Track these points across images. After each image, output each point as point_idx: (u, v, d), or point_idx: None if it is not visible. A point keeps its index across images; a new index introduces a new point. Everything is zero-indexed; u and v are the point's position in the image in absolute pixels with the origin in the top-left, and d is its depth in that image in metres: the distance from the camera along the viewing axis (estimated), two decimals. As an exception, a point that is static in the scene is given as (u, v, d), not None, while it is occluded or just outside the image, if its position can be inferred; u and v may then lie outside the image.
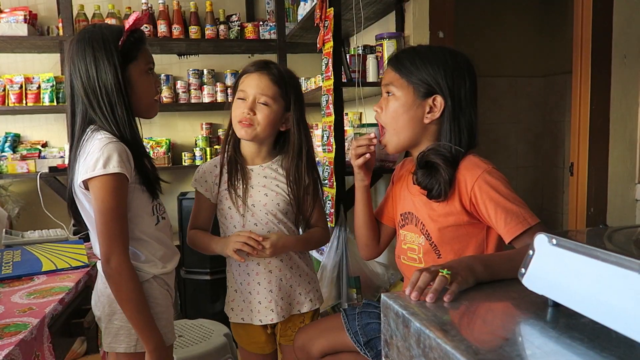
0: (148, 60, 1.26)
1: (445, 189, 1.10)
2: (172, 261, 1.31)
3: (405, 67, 1.16)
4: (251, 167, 1.48)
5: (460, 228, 1.13)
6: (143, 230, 1.23)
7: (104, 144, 1.13)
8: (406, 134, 1.17)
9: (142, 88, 1.24)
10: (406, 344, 0.74)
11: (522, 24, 3.45)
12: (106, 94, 1.17)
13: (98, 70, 1.16)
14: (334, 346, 1.39)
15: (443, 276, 0.81)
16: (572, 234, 0.71)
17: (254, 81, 1.40)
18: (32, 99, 2.84)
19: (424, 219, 1.18)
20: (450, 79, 1.13)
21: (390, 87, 1.18)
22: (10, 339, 0.97)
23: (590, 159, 2.18)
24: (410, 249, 1.23)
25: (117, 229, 1.14)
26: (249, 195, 1.46)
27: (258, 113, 1.39)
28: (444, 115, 1.14)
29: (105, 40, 1.17)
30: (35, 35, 2.81)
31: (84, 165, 1.13)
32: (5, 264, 1.50)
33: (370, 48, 2.28)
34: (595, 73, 2.15)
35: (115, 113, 1.18)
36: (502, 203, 1.04)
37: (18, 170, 2.79)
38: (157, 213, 1.28)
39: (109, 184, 1.12)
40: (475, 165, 1.11)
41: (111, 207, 1.13)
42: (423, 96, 1.14)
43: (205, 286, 2.73)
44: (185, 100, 3.10)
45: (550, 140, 3.51)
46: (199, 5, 3.08)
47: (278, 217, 1.46)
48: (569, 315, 0.69)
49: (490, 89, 3.44)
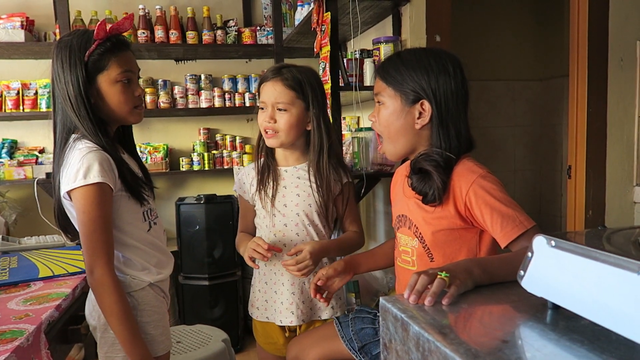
0: (122, 68, 1.20)
1: (439, 194, 1.10)
2: (167, 267, 1.30)
3: (391, 76, 1.17)
4: (285, 169, 1.52)
5: (453, 232, 1.13)
6: (136, 237, 1.23)
7: (83, 154, 1.13)
8: (401, 141, 1.18)
9: (113, 99, 1.20)
10: (405, 348, 0.73)
11: (518, 27, 3.47)
12: (76, 103, 1.16)
13: (66, 79, 1.16)
14: (329, 355, 1.38)
15: (441, 279, 0.81)
16: (570, 235, 0.71)
17: (270, 89, 1.44)
18: (29, 105, 2.83)
19: (417, 222, 1.18)
20: (434, 83, 1.13)
21: (379, 97, 1.19)
22: (6, 345, 0.97)
23: (588, 162, 2.19)
24: (404, 251, 1.23)
25: (100, 240, 1.12)
26: (282, 195, 1.49)
27: (278, 119, 1.43)
28: (432, 120, 1.14)
29: (72, 50, 1.16)
30: (32, 41, 2.81)
31: (66, 177, 1.13)
32: (1, 270, 1.49)
33: (368, 52, 2.29)
34: (592, 76, 2.16)
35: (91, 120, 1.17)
36: (498, 207, 1.04)
37: (15, 177, 2.78)
38: (149, 218, 1.27)
39: (90, 194, 1.11)
40: (470, 170, 1.11)
41: (93, 217, 1.11)
42: (411, 102, 1.15)
43: (204, 292, 2.72)
44: (183, 106, 3.10)
45: (548, 143, 3.52)
46: (196, 10, 3.09)
47: (310, 218, 1.48)
48: (568, 318, 0.69)
49: (487, 92, 3.45)
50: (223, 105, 3.14)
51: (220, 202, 2.74)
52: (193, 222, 2.72)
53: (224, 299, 2.76)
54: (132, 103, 1.23)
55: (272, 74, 1.45)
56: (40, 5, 2.99)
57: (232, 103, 3.17)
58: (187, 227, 2.73)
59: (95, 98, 1.19)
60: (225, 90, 3.18)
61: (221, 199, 2.76)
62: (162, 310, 1.27)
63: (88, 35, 1.18)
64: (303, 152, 1.52)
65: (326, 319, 1.51)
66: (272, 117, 1.43)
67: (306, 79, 1.45)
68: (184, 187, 3.29)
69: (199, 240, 2.71)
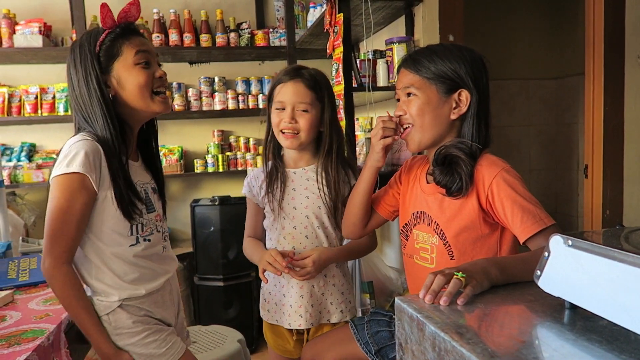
0: (137, 49, 1.15)
1: (466, 183, 1.08)
2: (151, 282, 1.20)
3: (424, 66, 1.13)
4: (293, 170, 1.51)
5: (475, 230, 1.11)
6: (114, 250, 1.14)
7: (73, 142, 1.08)
8: (432, 132, 1.14)
9: (133, 83, 1.15)
10: (421, 348, 0.73)
11: (532, 25, 3.43)
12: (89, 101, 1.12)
13: (78, 77, 1.13)
14: (346, 357, 1.37)
15: (458, 279, 0.81)
16: (588, 234, 0.71)
17: (290, 90, 1.42)
18: (47, 109, 2.88)
19: (437, 218, 1.16)
20: (472, 73, 1.12)
21: (410, 89, 1.14)
22: (28, 344, 0.99)
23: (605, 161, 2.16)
24: (422, 248, 1.21)
25: (61, 231, 1.06)
26: (291, 198, 1.48)
27: (299, 120, 1.42)
28: (469, 110, 1.12)
29: (82, 45, 1.14)
30: (49, 46, 2.86)
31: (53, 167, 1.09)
32: (22, 271, 1.52)
33: (380, 53, 2.28)
34: (608, 74, 2.13)
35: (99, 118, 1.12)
36: (519, 201, 1.03)
37: (34, 180, 2.83)
38: (138, 234, 1.17)
39: (66, 182, 1.06)
40: (493, 163, 1.10)
41: (61, 206, 1.06)
42: (447, 92, 1.12)
43: (219, 292, 2.74)
44: (197, 108, 3.12)
45: (564, 142, 3.48)
46: (210, 13, 3.11)
47: (320, 220, 1.48)
48: (586, 318, 0.69)
49: (502, 91, 3.42)
50: (237, 107, 3.17)
51: (234, 203, 2.76)
52: (208, 223, 2.74)
53: (239, 300, 2.78)
54: (154, 85, 1.18)
55: (290, 75, 1.44)
56: (57, 11, 3.04)
57: (246, 105, 3.19)
58: (201, 228, 2.76)
59: (115, 89, 1.15)
60: (239, 93, 3.21)
61: (235, 200, 2.78)
62: (143, 327, 1.17)
63: (97, 30, 1.16)
64: (313, 154, 1.52)
65: (335, 322, 1.50)
66: (292, 117, 1.42)
67: (322, 82, 1.46)
68: (199, 188, 3.31)
69: (214, 242, 2.73)
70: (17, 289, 1.39)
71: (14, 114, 2.87)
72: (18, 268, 1.55)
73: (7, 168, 2.79)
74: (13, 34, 2.79)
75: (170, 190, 3.25)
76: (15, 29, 2.81)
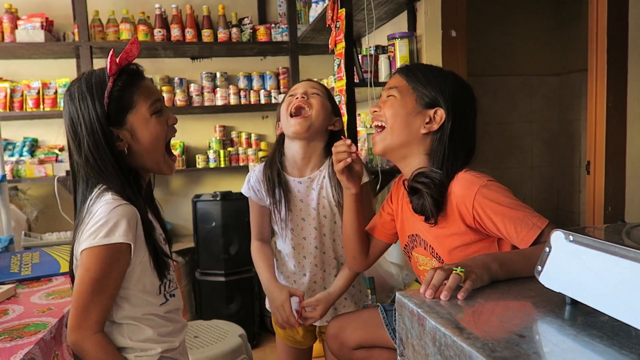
0: (151, 100, 1.06)
1: (432, 211, 1.10)
2: (179, 335, 1.16)
3: (415, 75, 1.18)
4: (299, 180, 1.48)
5: (470, 246, 1.11)
6: (144, 310, 1.07)
7: (111, 207, 0.98)
8: (400, 137, 1.16)
9: (150, 136, 1.06)
10: (421, 342, 0.74)
11: (535, 21, 3.42)
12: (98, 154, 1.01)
13: (84, 134, 1.01)
14: (371, 340, 1.37)
15: (457, 274, 0.81)
16: (589, 230, 0.70)
17: (302, 83, 1.48)
18: (49, 104, 2.89)
19: (431, 242, 1.17)
20: (455, 99, 1.14)
21: (392, 91, 1.18)
22: (30, 338, 0.99)
23: (607, 157, 2.15)
24: (425, 270, 1.22)
25: (94, 301, 0.97)
26: (299, 209, 1.48)
27: (312, 100, 1.43)
28: (442, 130, 1.14)
29: (84, 97, 1.02)
30: (51, 41, 2.86)
31: (87, 232, 0.98)
32: (24, 265, 1.53)
33: (382, 48, 2.28)
34: (611, 70, 2.12)
35: (113, 177, 1.02)
36: (508, 213, 1.02)
37: (36, 174, 2.83)
38: (165, 291, 1.10)
39: (104, 254, 0.96)
40: (470, 182, 1.08)
41: (96, 277, 0.96)
42: (424, 106, 1.15)
43: (220, 287, 2.74)
44: (199, 103, 3.12)
45: (566, 139, 3.47)
46: (212, 8, 3.11)
47: (328, 228, 1.48)
48: (587, 313, 0.69)
49: (503, 88, 3.41)
50: (238, 102, 3.17)
51: (236, 198, 2.76)
52: (209, 218, 2.75)
53: (240, 295, 2.78)
54: (167, 135, 1.10)
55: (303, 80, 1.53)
56: (59, 6, 3.04)
57: (248, 100, 3.19)
58: (203, 223, 2.76)
59: (129, 142, 1.05)
60: (241, 88, 3.20)
61: (237, 196, 2.78)
62: None
63: (99, 75, 1.04)
64: (320, 158, 1.49)
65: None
66: (304, 95, 1.43)
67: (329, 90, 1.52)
68: (200, 184, 3.32)
69: (215, 237, 2.74)
70: (20, 283, 1.40)
71: (16, 109, 2.87)
72: (20, 262, 1.56)
73: (10, 163, 2.80)
74: (15, 29, 2.79)
75: (172, 186, 3.25)
76: (17, 24, 2.81)
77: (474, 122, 1.19)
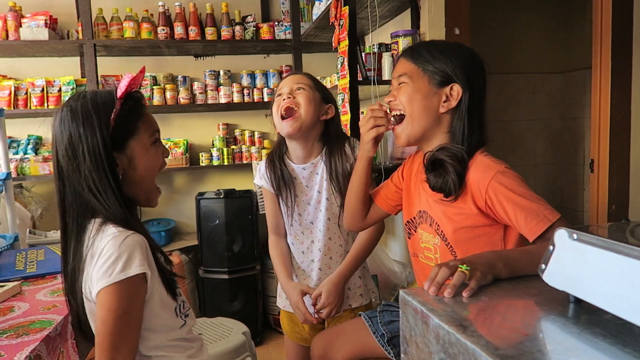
0: (152, 130, 1.05)
1: (454, 186, 1.08)
2: (203, 350, 1.16)
3: (422, 56, 1.14)
4: (303, 166, 1.52)
5: (476, 229, 1.11)
6: (169, 336, 1.05)
7: (120, 240, 0.94)
8: (421, 122, 1.14)
9: (147, 165, 1.04)
10: (425, 340, 0.74)
11: (538, 18, 3.41)
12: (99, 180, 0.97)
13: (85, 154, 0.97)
14: (360, 352, 1.37)
15: (462, 272, 0.81)
16: (593, 228, 0.70)
17: (287, 79, 1.49)
18: (53, 102, 2.89)
19: (438, 219, 1.16)
20: (468, 71, 1.12)
21: (403, 78, 1.15)
22: (36, 335, 1.00)
23: (611, 155, 2.14)
24: (426, 248, 1.22)
25: (123, 339, 0.93)
26: (304, 194, 1.51)
27: (298, 97, 1.44)
28: (460, 106, 1.12)
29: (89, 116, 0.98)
30: (55, 39, 2.86)
31: (99, 271, 0.93)
32: (29, 262, 1.54)
33: (386, 46, 2.28)
34: (616, 68, 2.11)
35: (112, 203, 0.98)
36: (520, 202, 1.02)
37: (40, 172, 2.84)
38: (181, 312, 1.08)
39: (123, 289, 0.92)
40: (487, 166, 1.08)
41: (120, 315, 0.92)
42: (439, 84, 1.13)
43: (224, 285, 2.75)
44: (202, 101, 3.13)
45: (569, 137, 3.46)
46: (215, 6, 3.11)
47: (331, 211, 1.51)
48: (591, 311, 0.69)
49: (507, 86, 3.40)
50: (242, 100, 3.17)
51: (239, 196, 2.77)
52: (213, 216, 2.75)
53: (244, 293, 2.79)
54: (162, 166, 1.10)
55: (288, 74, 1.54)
56: (63, 4, 3.05)
57: (251, 98, 3.19)
58: (206, 221, 2.77)
59: (124, 168, 1.01)
60: (244, 86, 3.21)
61: (240, 194, 2.78)
62: None
63: (105, 96, 1.01)
64: (318, 148, 1.52)
65: (356, 306, 1.54)
66: (290, 94, 1.44)
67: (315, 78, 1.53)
68: (204, 181, 3.32)
69: (219, 235, 2.74)
70: (25, 280, 1.41)
71: (20, 106, 2.88)
72: (26, 260, 1.57)
73: (14, 161, 2.81)
74: (19, 26, 2.79)
75: (175, 184, 3.26)
76: (22, 21, 2.81)
77: (485, 92, 1.16)
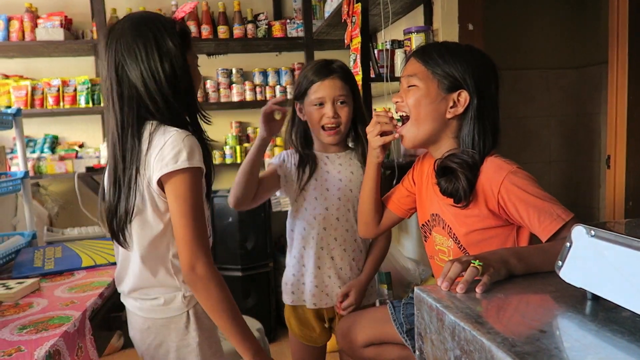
0: (194, 48, 1.15)
1: (465, 193, 1.08)
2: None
3: (433, 59, 1.14)
4: (327, 155, 1.55)
5: (488, 231, 1.11)
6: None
7: (183, 136, 1.01)
8: (427, 126, 1.14)
9: (196, 79, 1.14)
10: (440, 337, 0.74)
11: (553, 13, 3.36)
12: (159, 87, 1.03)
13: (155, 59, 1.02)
14: (380, 337, 1.39)
15: (474, 267, 0.81)
16: (610, 225, 0.70)
17: (328, 85, 1.46)
18: (68, 101, 2.93)
19: (450, 223, 1.16)
20: (477, 77, 1.11)
21: (412, 79, 1.15)
22: (55, 330, 1.01)
23: (628, 151, 2.11)
24: (440, 251, 1.22)
25: (200, 230, 1.00)
26: (324, 179, 1.52)
27: (341, 113, 1.47)
28: (468, 112, 1.12)
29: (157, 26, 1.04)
30: (70, 39, 2.90)
31: (161, 160, 0.99)
32: (47, 259, 1.56)
33: (399, 43, 2.27)
34: (633, 62, 2.08)
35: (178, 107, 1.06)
36: (533, 202, 1.01)
37: (57, 171, 2.88)
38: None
39: (192, 179, 1.00)
40: (499, 167, 1.08)
41: (193, 205, 0.99)
42: (447, 90, 1.12)
43: (237, 282, 2.77)
44: (215, 100, 3.15)
45: (585, 133, 3.42)
46: (227, 5, 3.12)
47: (352, 203, 1.52)
48: (609, 309, 0.68)
49: (521, 82, 3.36)
50: (254, 98, 3.18)
51: (252, 194, 2.78)
52: (226, 214, 2.77)
53: (257, 290, 2.80)
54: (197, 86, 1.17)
55: (324, 72, 1.46)
56: (77, 4, 3.08)
57: (263, 96, 3.20)
58: (220, 219, 2.79)
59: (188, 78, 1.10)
60: (256, 84, 3.22)
61: (253, 192, 2.79)
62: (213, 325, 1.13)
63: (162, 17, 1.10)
64: (343, 143, 1.56)
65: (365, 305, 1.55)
66: (334, 112, 1.45)
67: (349, 70, 1.52)
68: (217, 180, 3.29)
69: (232, 232, 2.76)
70: (43, 277, 1.43)
71: (36, 106, 2.92)
72: (44, 257, 1.59)
73: (31, 159, 2.85)
74: (35, 27, 2.83)
75: (189, 182, 3.28)
76: (37, 22, 2.85)
77: (497, 96, 1.15)
